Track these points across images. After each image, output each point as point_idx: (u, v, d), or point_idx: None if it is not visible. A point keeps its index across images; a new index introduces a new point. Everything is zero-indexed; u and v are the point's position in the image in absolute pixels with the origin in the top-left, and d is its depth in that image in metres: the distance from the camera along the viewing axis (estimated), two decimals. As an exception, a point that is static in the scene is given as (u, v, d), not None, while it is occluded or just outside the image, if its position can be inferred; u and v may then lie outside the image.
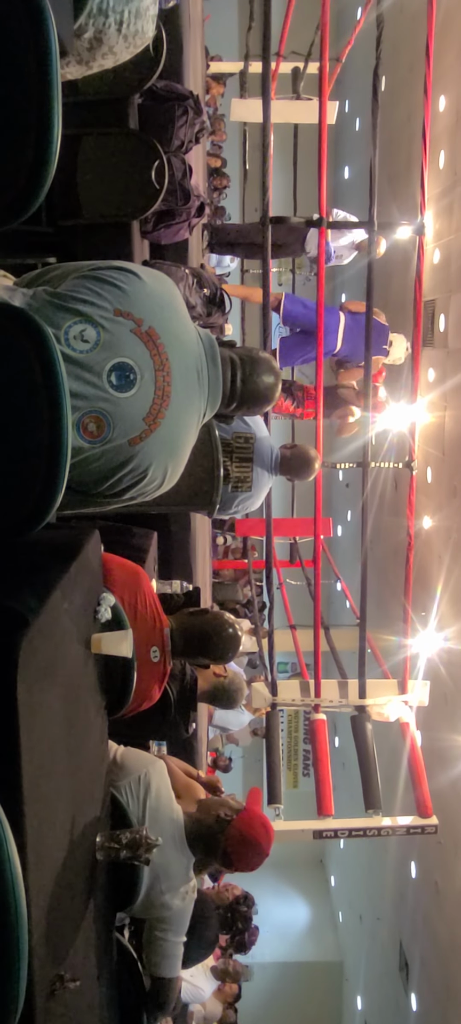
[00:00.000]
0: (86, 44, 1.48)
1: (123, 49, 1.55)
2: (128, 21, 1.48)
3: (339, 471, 10.11)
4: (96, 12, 1.43)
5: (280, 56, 7.17)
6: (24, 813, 1.16)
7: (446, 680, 5.94)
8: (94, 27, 1.45)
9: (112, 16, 1.45)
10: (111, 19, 1.45)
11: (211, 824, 2.13)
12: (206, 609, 2.35)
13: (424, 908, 7.54)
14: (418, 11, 5.26)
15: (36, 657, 1.23)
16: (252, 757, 12.27)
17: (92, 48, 1.49)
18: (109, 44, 1.50)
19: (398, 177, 7.83)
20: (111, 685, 1.90)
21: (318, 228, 4.42)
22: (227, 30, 11.09)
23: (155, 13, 1.56)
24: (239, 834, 2.10)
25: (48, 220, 2.69)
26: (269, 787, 5.04)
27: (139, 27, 1.52)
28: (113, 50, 1.53)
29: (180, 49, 3.95)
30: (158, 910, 2.10)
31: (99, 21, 1.44)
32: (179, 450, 1.61)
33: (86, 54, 1.51)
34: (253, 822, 2.13)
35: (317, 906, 14.51)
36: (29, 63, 1.16)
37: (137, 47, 1.58)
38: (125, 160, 2.79)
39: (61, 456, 1.27)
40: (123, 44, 1.53)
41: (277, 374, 1.79)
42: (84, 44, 1.48)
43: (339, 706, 5.17)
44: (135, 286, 1.52)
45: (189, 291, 3.71)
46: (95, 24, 1.44)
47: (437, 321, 7.03)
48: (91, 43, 1.48)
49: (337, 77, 7.56)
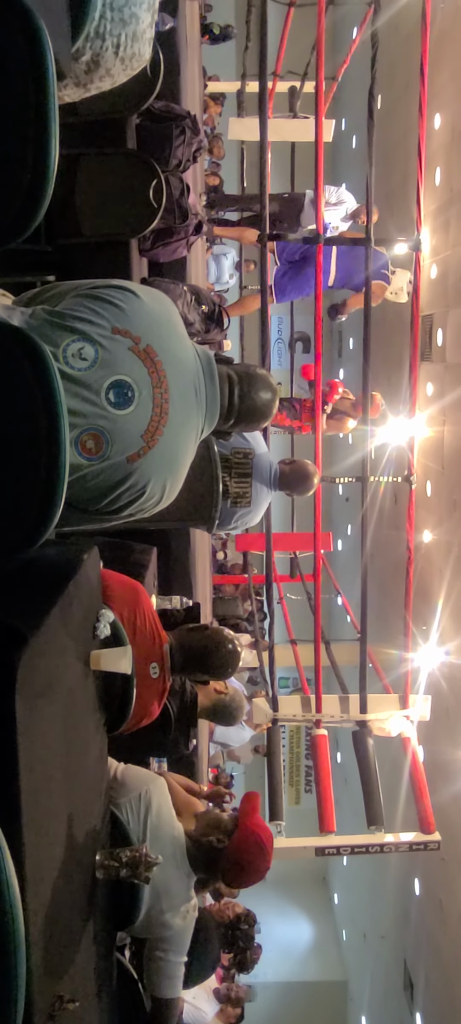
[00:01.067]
0: (84, 67, 1.50)
1: (120, 72, 1.56)
2: (125, 44, 1.49)
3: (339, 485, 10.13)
4: (93, 36, 1.44)
5: (277, 75, 7.24)
6: (23, 832, 1.16)
7: (447, 695, 5.92)
8: (91, 50, 1.46)
9: (109, 40, 1.46)
10: (108, 43, 1.47)
11: (210, 842, 2.11)
12: (206, 625, 2.34)
13: (428, 926, 7.48)
14: (412, 31, 5.33)
15: (35, 674, 1.23)
16: (254, 774, 12.19)
17: (90, 71, 1.51)
18: (106, 67, 1.52)
19: (395, 193, 7.89)
20: (110, 702, 1.90)
21: (315, 245, 4.45)
22: (224, 50, 11.20)
23: (152, 36, 1.58)
24: (233, 860, 2.08)
25: (47, 239, 2.71)
26: (271, 804, 5.01)
27: (136, 50, 1.53)
28: (110, 73, 1.54)
29: (177, 70, 3.99)
30: (159, 929, 2.08)
31: (96, 44, 1.46)
32: (177, 466, 1.62)
33: (84, 77, 1.53)
34: (246, 844, 2.09)
35: (320, 924, 14.38)
36: (26, 86, 1.17)
37: (134, 69, 1.60)
38: (123, 179, 2.81)
39: (59, 473, 1.27)
40: (120, 67, 1.54)
41: (274, 391, 1.80)
42: (82, 67, 1.50)
43: (340, 721, 5.15)
44: (133, 304, 1.53)
45: (187, 308, 3.73)
46: (92, 48, 1.46)
47: (435, 336, 7.06)
48: (89, 66, 1.50)
49: (333, 95, 7.63)
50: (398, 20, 5.96)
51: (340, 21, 10.23)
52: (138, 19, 1.48)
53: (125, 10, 1.45)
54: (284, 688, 6.93)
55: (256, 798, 2.24)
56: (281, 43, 6.98)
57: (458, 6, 6.11)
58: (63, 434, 1.27)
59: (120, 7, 1.44)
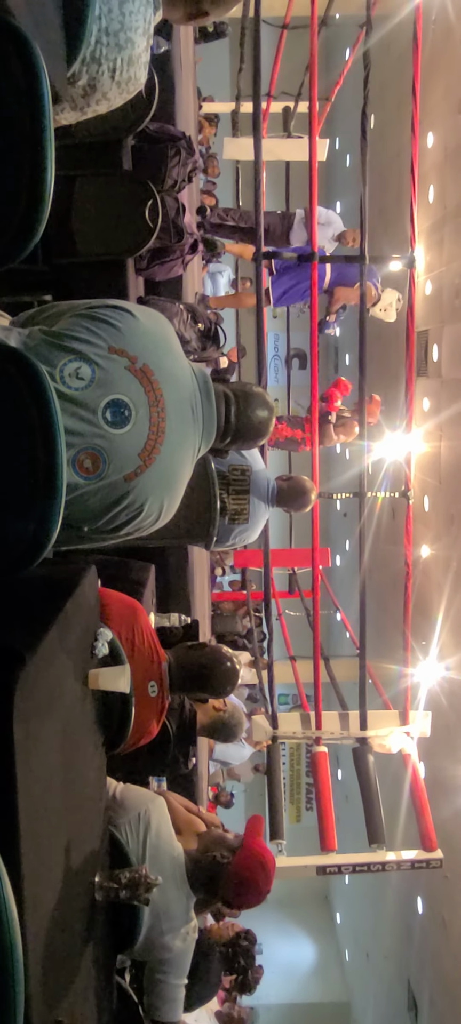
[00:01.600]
0: (80, 91, 1.51)
1: (116, 95, 1.58)
2: (121, 68, 1.51)
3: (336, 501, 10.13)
4: (89, 60, 1.46)
5: (270, 96, 7.32)
6: (21, 853, 1.15)
7: (447, 711, 5.90)
8: (88, 74, 1.48)
9: (105, 64, 1.48)
10: (104, 67, 1.48)
11: (211, 862, 2.09)
12: (204, 643, 2.34)
13: (432, 945, 7.41)
14: (404, 51, 5.39)
15: (33, 695, 1.23)
16: (254, 792, 12.12)
17: (86, 95, 1.52)
18: (103, 91, 1.53)
19: (389, 211, 7.96)
20: (109, 721, 1.89)
21: (310, 262, 4.48)
22: (219, 72, 11.34)
23: (147, 59, 1.59)
24: (236, 877, 2.06)
25: (44, 259, 2.72)
26: (271, 822, 4.98)
27: (132, 74, 1.55)
28: (107, 96, 1.56)
29: (172, 91, 4.03)
30: (159, 952, 2.06)
31: (93, 69, 1.47)
32: (175, 485, 1.62)
33: (80, 100, 1.54)
34: (250, 862, 2.08)
35: (323, 944, 14.25)
36: (22, 110, 1.18)
37: (130, 93, 1.61)
38: (119, 200, 2.83)
39: (57, 493, 1.27)
40: (116, 90, 1.56)
41: (271, 408, 1.81)
42: (78, 91, 1.51)
43: (340, 738, 5.13)
44: (129, 324, 1.54)
45: (184, 326, 3.75)
46: (89, 72, 1.47)
47: (430, 351, 7.10)
48: (85, 90, 1.51)
49: (327, 115, 7.72)
50: (390, 41, 6.03)
51: (333, 42, 10.38)
52: (134, 44, 1.50)
53: (121, 35, 1.46)
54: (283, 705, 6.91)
55: (260, 822, 2.24)
56: (275, 64, 7.06)
57: (449, 26, 6.19)
58: (60, 454, 1.27)
59: (115, 32, 1.45)
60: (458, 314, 6.44)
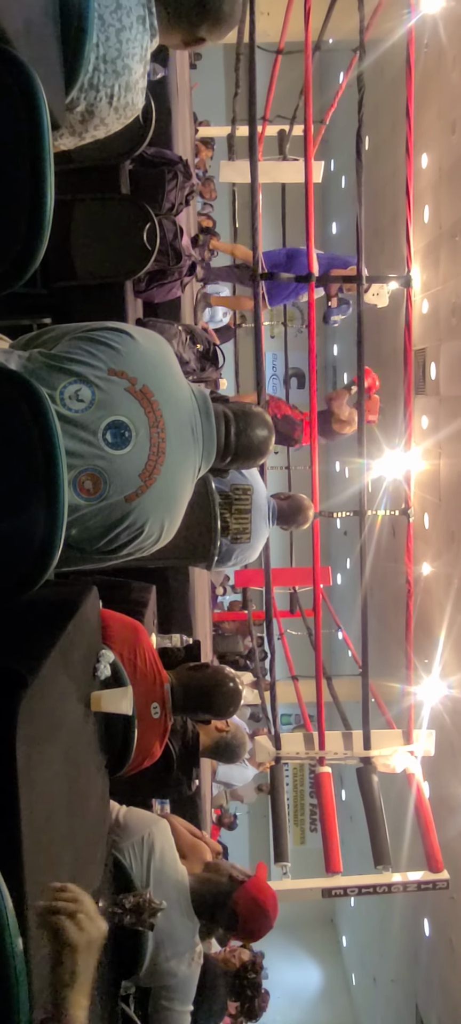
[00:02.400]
0: (79, 117, 1.54)
1: (114, 121, 1.60)
2: (118, 95, 1.54)
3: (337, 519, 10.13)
4: (88, 87, 1.48)
5: (266, 119, 7.40)
6: (24, 878, 1.14)
7: (451, 729, 5.86)
8: (86, 101, 1.50)
9: (103, 90, 1.50)
10: (102, 93, 1.51)
11: (220, 885, 2.08)
12: (206, 664, 2.33)
13: (439, 968, 7.32)
14: (397, 74, 5.46)
15: (35, 718, 1.22)
16: (258, 813, 12.03)
17: (84, 120, 1.55)
18: (101, 116, 1.56)
19: (385, 231, 8.03)
20: (112, 744, 1.88)
21: (307, 283, 4.51)
22: (214, 96, 11.48)
23: (144, 85, 1.62)
24: (250, 897, 2.05)
25: (43, 282, 2.74)
26: (275, 844, 4.93)
27: (129, 100, 1.58)
28: (105, 122, 1.58)
29: (169, 116, 4.08)
30: (163, 978, 2.03)
31: (91, 95, 1.50)
32: (175, 505, 1.62)
33: (79, 126, 1.57)
34: (263, 888, 2.09)
35: (329, 968, 14.07)
36: (22, 137, 1.20)
37: (128, 118, 1.64)
38: (118, 223, 2.86)
39: (58, 515, 1.27)
40: (114, 116, 1.58)
41: (270, 427, 1.81)
42: (77, 117, 1.53)
43: (344, 758, 5.09)
44: (129, 346, 1.55)
45: (182, 347, 3.76)
46: (87, 98, 1.50)
47: (428, 369, 7.13)
48: (83, 116, 1.54)
49: (322, 138, 7.80)
50: (383, 64, 6.12)
51: (326, 67, 10.52)
52: (131, 70, 1.52)
53: (118, 62, 1.49)
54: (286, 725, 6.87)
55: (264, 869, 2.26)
56: (270, 89, 7.15)
57: (441, 49, 6.28)
58: (61, 476, 1.27)
59: (113, 59, 1.48)
60: (455, 332, 6.48)
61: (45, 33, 1.37)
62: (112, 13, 1.46)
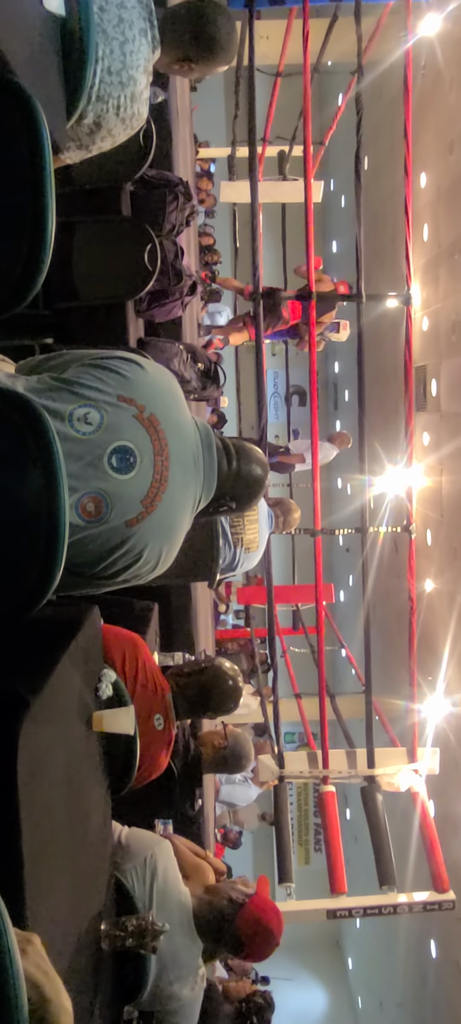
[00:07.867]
0: (86, 129, 1.58)
1: (121, 131, 1.65)
2: (125, 105, 1.59)
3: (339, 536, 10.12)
4: (95, 100, 1.54)
5: (266, 140, 7.48)
6: (25, 901, 1.13)
7: (456, 747, 5.82)
8: (94, 112, 1.55)
9: (111, 101, 1.56)
10: (109, 104, 1.56)
11: (222, 907, 2.05)
12: (204, 666, 2.33)
13: (446, 991, 7.22)
14: (396, 95, 5.51)
15: (37, 739, 1.21)
16: (262, 833, 11.92)
17: (92, 132, 1.60)
18: (108, 127, 1.61)
19: (384, 250, 8.08)
20: (114, 763, 1.87)
21: (307, 301, 4.54)
22: (214, 118, 11.60)
23: (148, 96, 1.66)
24: (252, 918, 2.02)
25: (45, 303, 2.76)
26: (279, 865, 4.89)
27: (135, 110, 1.63)
28: (112, 133, 1.63)
29: (170, 139, 4.12)
30: (167, 1002, 2.01)
31: (99, 107, 1.55)
32: (174, 533, 1.63)
33: (86, 139, 1.61)
34: (266, 907, 2.06)
35: (335, 991, 13.88)
36: (23, 162, 1.21)
37: (133, 128, 1.69)
38: (119, 244, 2.88)
39: (59, 536, 1.27)
40: (121, 127, 1.63)
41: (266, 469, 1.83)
42: (85, 130, 1.58)
43: (348, 777, 5.05)
44: (138, 375, 1.57)
45: (184, 366, 3.78)
46: (95, 110, 1.55)
47: (429, 386, 7.15)
48: (91, 128, 1.59)
49: (322, 158, 7.87)
50: (381, 85, 6.18)
51: (326, 88, 10.64)
52: (135, 81, 1.58)
53: (123, 73, 1.55)
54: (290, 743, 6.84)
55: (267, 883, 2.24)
56: (269, 110, 7.23)
57: (438, 71, 6.34)
58: (62, 497, 1.27)
59: (118, 71, 1.53)
60: (455, 349, 6.50)
61: (46, 57, 1.39)
62: (115, 27, 1.52)
